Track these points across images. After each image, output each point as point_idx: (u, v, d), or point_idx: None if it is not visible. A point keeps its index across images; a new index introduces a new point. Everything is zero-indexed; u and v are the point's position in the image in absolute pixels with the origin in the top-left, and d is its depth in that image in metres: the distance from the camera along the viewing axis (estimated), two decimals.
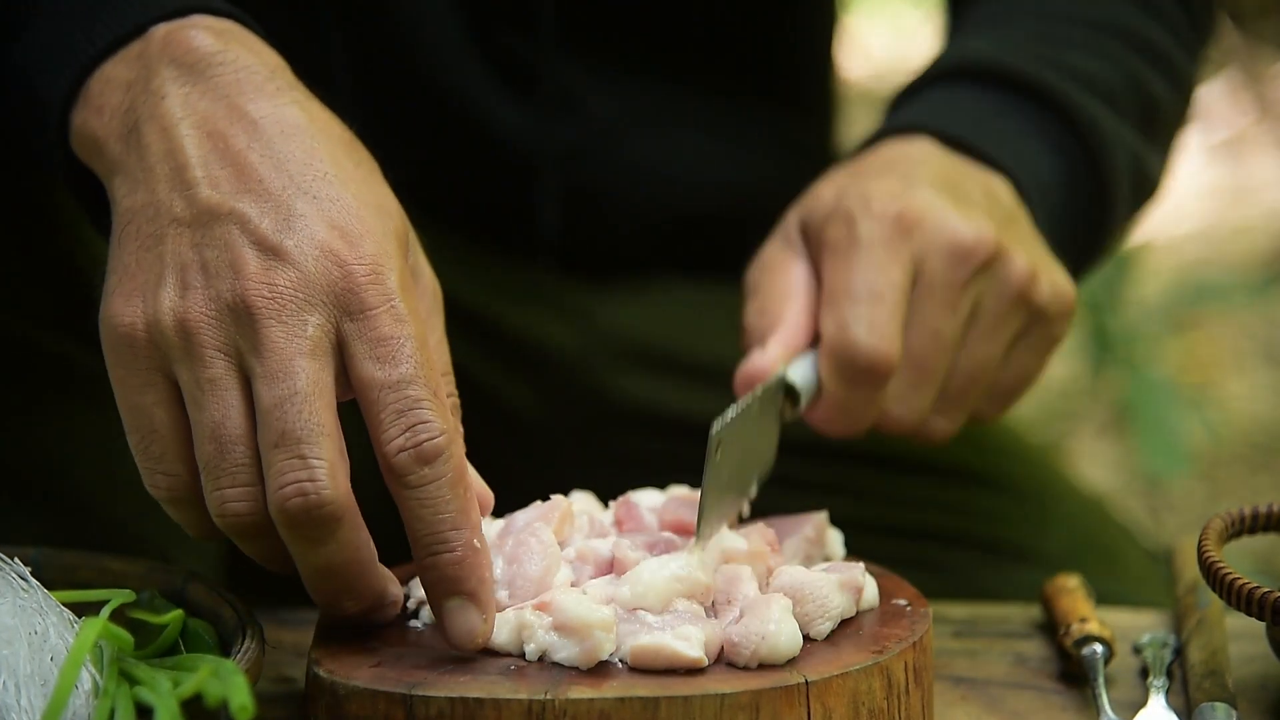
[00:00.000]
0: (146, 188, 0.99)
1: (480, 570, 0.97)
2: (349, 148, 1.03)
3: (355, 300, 0.96)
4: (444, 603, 0.97)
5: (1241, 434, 3.27)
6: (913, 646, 0.99)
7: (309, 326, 0.95)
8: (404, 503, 0.96)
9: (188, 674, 0.91)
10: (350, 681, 0.95)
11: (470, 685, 0.94)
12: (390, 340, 0.96)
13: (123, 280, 0.98)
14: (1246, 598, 1.01)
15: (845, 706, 0.95)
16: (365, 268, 0.96)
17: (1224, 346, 3.54)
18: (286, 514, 0.94)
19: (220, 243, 0.97)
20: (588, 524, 1.07)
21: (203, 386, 0.95)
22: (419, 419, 0.95)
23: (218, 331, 0.95)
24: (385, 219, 1.00)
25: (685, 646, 0.95)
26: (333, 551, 0.96)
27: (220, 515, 0.96)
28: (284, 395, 0.94)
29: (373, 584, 0.99)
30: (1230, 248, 4.05)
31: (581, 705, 0.92)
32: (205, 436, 0.95)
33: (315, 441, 0.94)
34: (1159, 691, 1.06)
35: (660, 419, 1.43)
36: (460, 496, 0.96)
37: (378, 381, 0.95)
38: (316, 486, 0.93)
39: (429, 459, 0.95)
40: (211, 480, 0.95)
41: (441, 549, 0.96)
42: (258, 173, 0.98)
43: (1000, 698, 1.09)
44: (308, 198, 0.98)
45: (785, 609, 0.97)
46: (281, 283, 0.96)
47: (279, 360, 0.94)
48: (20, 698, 0.89)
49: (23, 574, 0.96)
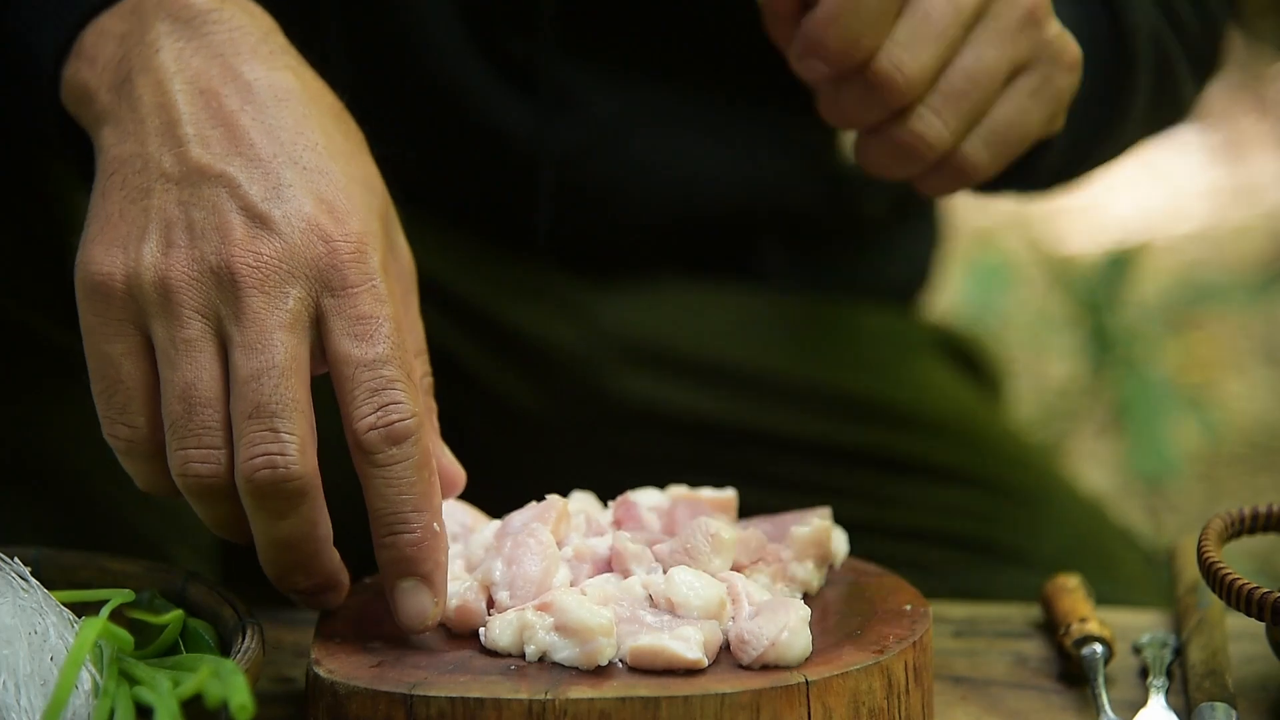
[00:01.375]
0: (136, 139, 0.99)
1: (437, 554, 0.98)
2: (338, 118, 1.03)
3: (338, 276, 0.97)
4: (398, 583, 0.98)
5: (1241, 434, 3.27)
6: (913, 646, 0.99)
7: (289, 299, 0.96)
8: (368, 480, 0.97)
9: (188, 674, 0.91)
10: (351, 682, 0.95)
11: (471, 685, 0.94)
12: (369, 319, 0.97)
13: (104, 229, 0.98)
14: (1246, 598, 1.01)
15: (845, 706, 0.95)
16: (350, 245, 0.97)
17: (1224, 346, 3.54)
18: (254, 484, 0.95)
19: (208, 204, 0.97)
20: (585, 523, 1.07)
21: (177, 345, 0.96)
22: (391, 399, 0.96)
23: (198, 293, 0.96)
24: (370, 195, 1.01)
25: (684, 648, 0.95)
26: (293, 525, 0.97)
27: (181, 475, 0.97)
28: (262, 367, 0.95)
29: (326, 564, 1.00)
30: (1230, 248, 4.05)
31: (582, 705, 0.92)
32: (175, 395, 0.96)
33: (289, 416, 0.95)
34: (1159, 691, 1.06)
35: (663, 418, 1.43)
36: (424, 480, 0.97)
37: (354, 359, 0.96)
38: (286, 460, 0.95)
39: (398, 439, 0.96)
40: (176, 439, 0.96)
41: (402, 529, 0.97)
42: (249, 137, 0.99)
43: (1000, 698, 1.09)
44: (297, 168, 0.98)
45: (802, 618, 0.97)
46: (267, 252, 0.96)
47: (259, 331, 0.95)
48: (20, 698, 0.89)
49: (23, 574, 0.96)
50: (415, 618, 0.99)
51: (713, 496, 1.12)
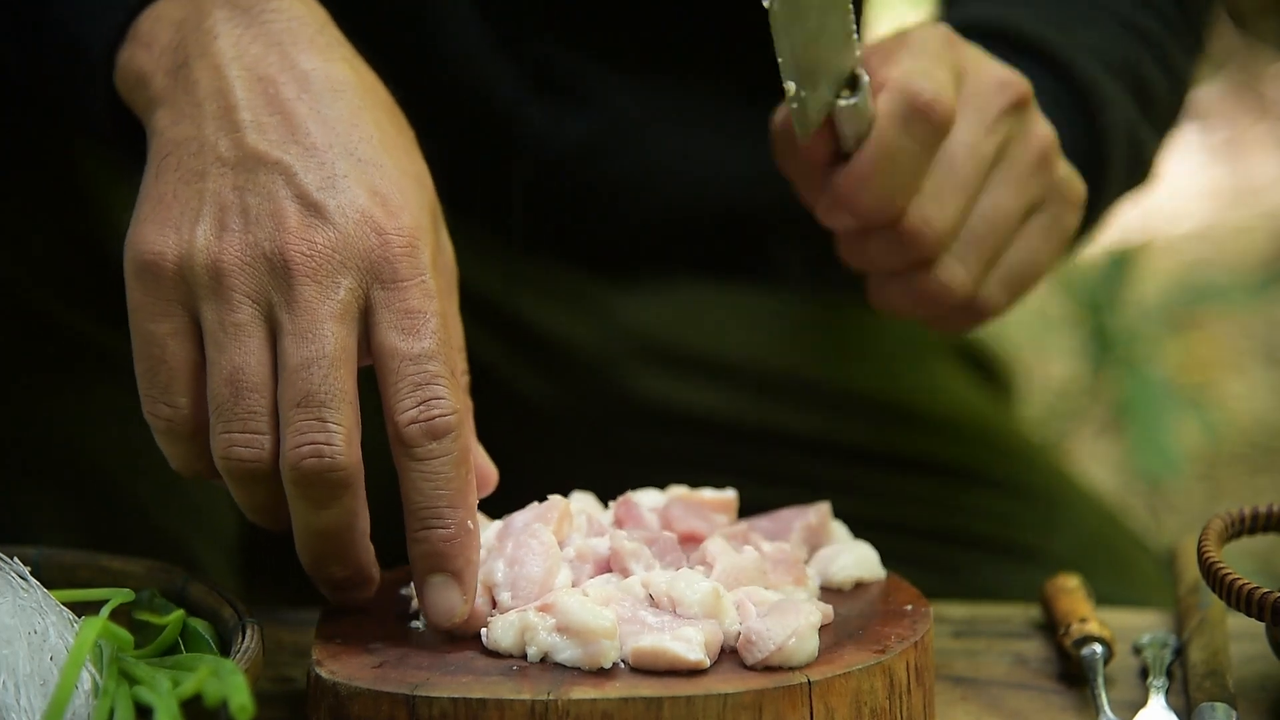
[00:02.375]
0: (192, 122, 1.00)
1: (469, 551, 0.98)
2: (391, 113, 1.04)
3: (389, 270, 0.97)
4: (428, 578, 0.99)
5: (1241, 434, 3.27)
6: (914, 646, 0.99)
7: (341, 289, 0.97)
8: (406, 474, 0.97)
9: (188, 674, 0.91)
10: (353, 682, 0.95)
11: (473, 686, 0.94)
12: (418, 314, 0.97)
13: (156, 209, 0.99)
14: (1246, 598, 1.01)
15: (848, 706, 0.95)
16: (403, 239, 0.98)
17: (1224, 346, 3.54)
18: (299, 472, 0.95)
19: (263, 191, 0.98)
20: (586, 523, 1.07)
21: (227, 329, 0.96)
22: (434, 394, 0.97)
23: (250, 278, 0.96)
24: (422, 191, 1.01)
25: (685, 649, 0.95)
26: (334, 516, 0.97)
27: (224, 458, 0.97)
28: (312, 356, 0.95)
29: (361, 555, 1.00)
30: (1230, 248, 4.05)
31: (584, 705, 0.92)
32: (222, 379, 0.96)
33: (336, 406, 0.95)
34: (1159, 691, 1.06)
35: (678, 416, 1.43)
36: (462, 476, 0.98)
37: (400, 352, 0.97)
38: (333, 451, 0.95)
39: (438, 434, 0.97)
40: (221, 422, 0.97)
41: (436, 524, 0.98)
42: (305, 126, 0.99)
43: (1000, 698, 1.09)
44: (352, 159, 0.99)
45: (812, 624, 0.97)
46: (320, 242, 0.97)
47: (310, 320, 0.96)
48: (20, 698, 0.89)
49: (23, 574, 0.96)
50: (444, 613, 0.99)
51: (713, 497, 1.12)
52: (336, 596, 1.03)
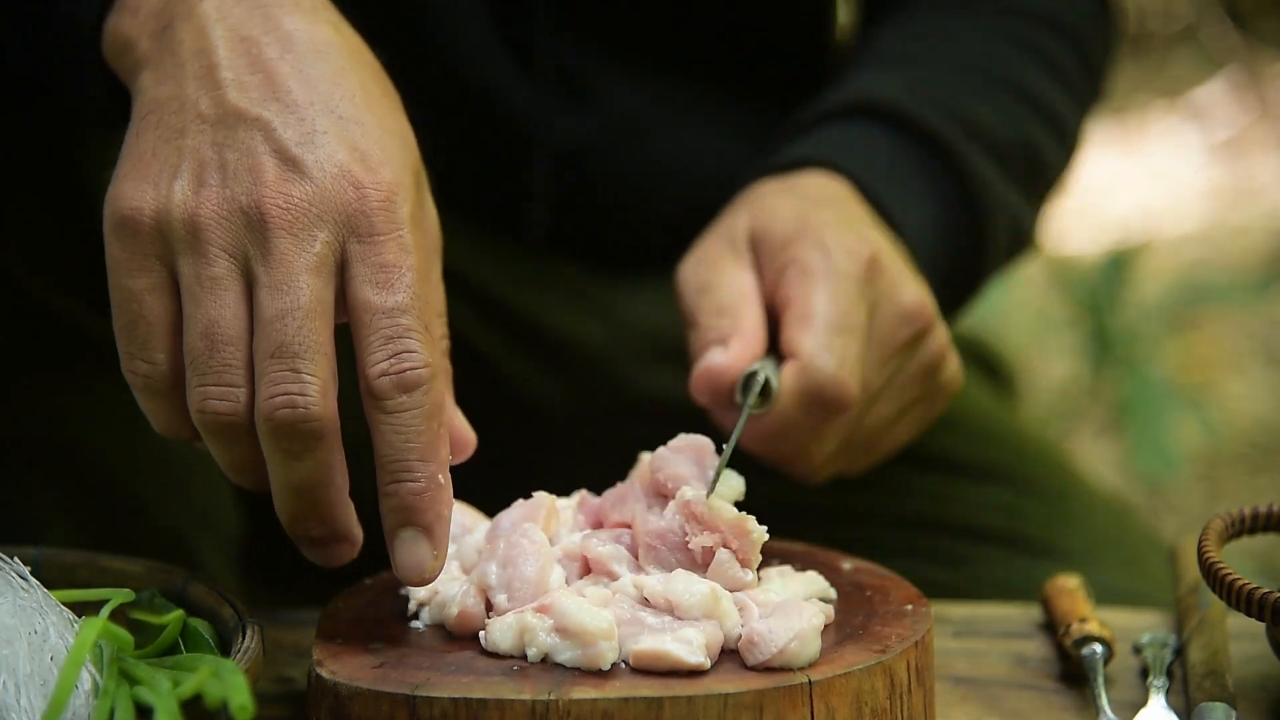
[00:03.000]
0: (175, 81, 1.00)
1: (439, 506, 0.98)
2: (376, 75, 1.04)
3: (365, 223, 0.97)
4: (398, 532, 0.98)
5: (1241, 434, 3.27)
6: (915, 646, 0.99)
7: (317, 242, 0.96)
8: (377, 427, 0.97)
9: (188, 674, 0.91)
10: (353, 682, 0.95)
11: (474, 686, 0.94)
12: (393, 268, 0.97)
13: (136, 166, 0.99)
14: (1246, 598, 1.01)
15: (848, 706, 0.95)
16: (380, 193, 0.98)
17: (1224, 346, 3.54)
18: (273, 423, 0.95)
19: (242, 146, 0.98)
20: (572, 519, 1.07)
21: (203, 283, 0.96)
22: (406, 347, 0.97)
23: (227, 232, 0.96)
24: (404, 150, 1.01)
25: (685, 652, 0.95)
26: (309, 469, 0.97)
27: (200, 411, 0.97)
28: (287, 308, 0.95)
29: (339, 513, 1.00)
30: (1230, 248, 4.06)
31: (585, 705, 0.92)
32: (198, 332, 0.96)
33: (311, 358, 0.95)
34: (1159, 691, 1.06)
35: (681, 413, 1.43)
36: (433, 430, 0.97)
37: (373, 305, 0.97)
38: (306, 401, 0.95)
39: (409, 387, 0.96)
40: (197, 376, 0.96)
41: (406, 476, 0.97)
42: (286, 84, 0.99)
43: (1000, 698, 1.09)
44: (332, 116, 0.99)
45: (815, 627, 0.97)
46: (297, 195, 0.97)
47: (285, 272, 0.96)
48: (20, 698, 0.89)
49: (23, 574, 0.96)
50: (413, 569, 0.98)
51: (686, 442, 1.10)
52: (316, 555, 1.02)
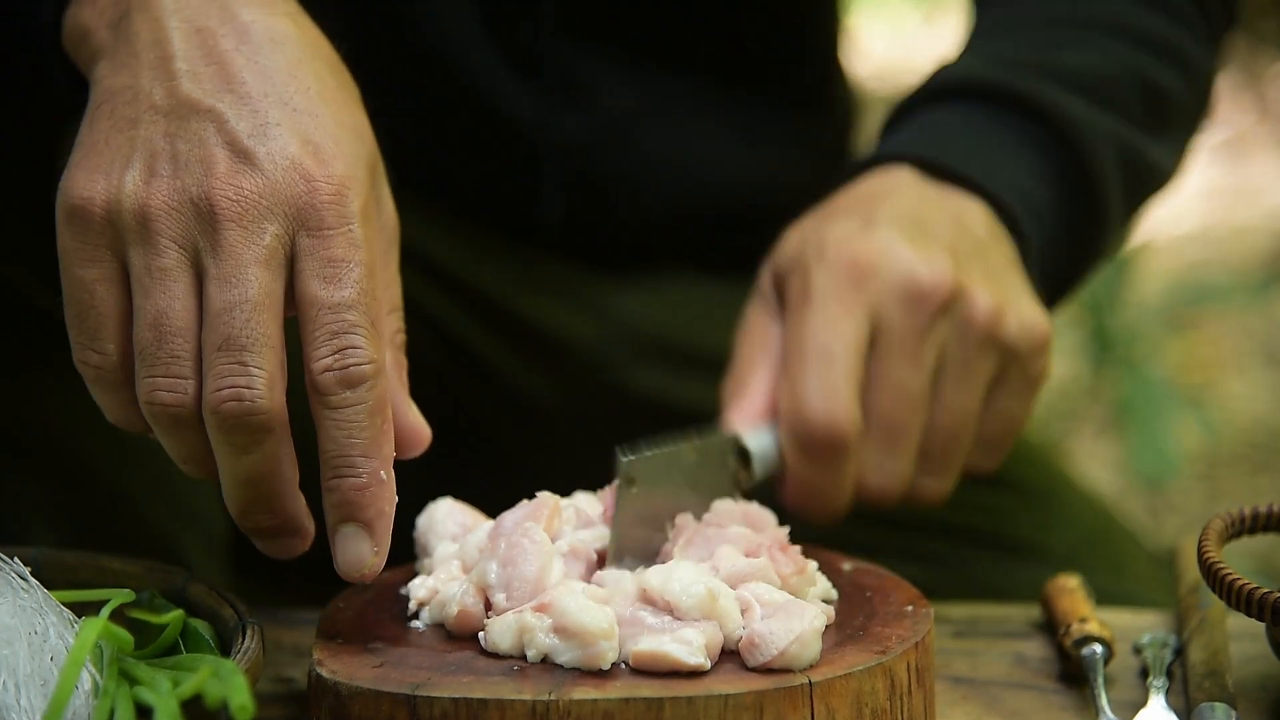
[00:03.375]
0: (129, 71, 1.00)
1: (381, 503, 0.98)
2: (334, 68, 1.03)
3: (315, 217, 0.97)
4: (339, 527, 0.98)
5: (1241, 434, 3.27)
6: (915, 647, 0.99)
7: (267, 235, 0.96)
8: (321, 422, 0.97)
9: (188, 674, 0.91)
10: (354, 682, 0.95)
11: (474, 686, 0.94)
12: (340, 263, 0.97)
13: (88, 155, 0.99)
14: (1246, 598, 1.01)
15: (848, 707, 0.95)
16: (331, 187, 0.97)
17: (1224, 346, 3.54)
18: (219, 416, 0.95)
19: (194, 137, 0.98)
20: (575, 517, 1.07)
21: (152, 274, 0.96)
22: (350, 343, 0.96)
23: (177, 223, 0.96)
24: (359, 143, 1.01)
25: (685, 653, 0.95)
26: (257, 461, 0.97)
27: (148, 402, 0.97)
28: (234, 300, 0.95)
29: (289, 504, 1.00)
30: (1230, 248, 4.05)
31: (585, 706, 0.92)
32: (146, 323, 0.96)
33: (258, 351, 0.95)
34: (1159, 691, 1.06)
35: (675, 412, 1.43)
36: (376, 426, 0.97)
37: (319, 300, 0.97)
38: (253, 394, 0.95)
39: (352, 383, 0.96)
40: (145, 367, 0.96)
41: (348, 472, 0.97)
42: (241, 76, 0.99)
43: (1000, 698, 1.09)
44: (286, 109, 0.99)
45: (816, 628, 0.97)
46: (248, 187, 0.97)
47: (234, 264, 0.95)
48: (20, 698, 0.89)
49: (23, 574, 0.95)
50: (352, 564, 0.99)
51: None
52: (267, 547, 1.02)
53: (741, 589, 1.00)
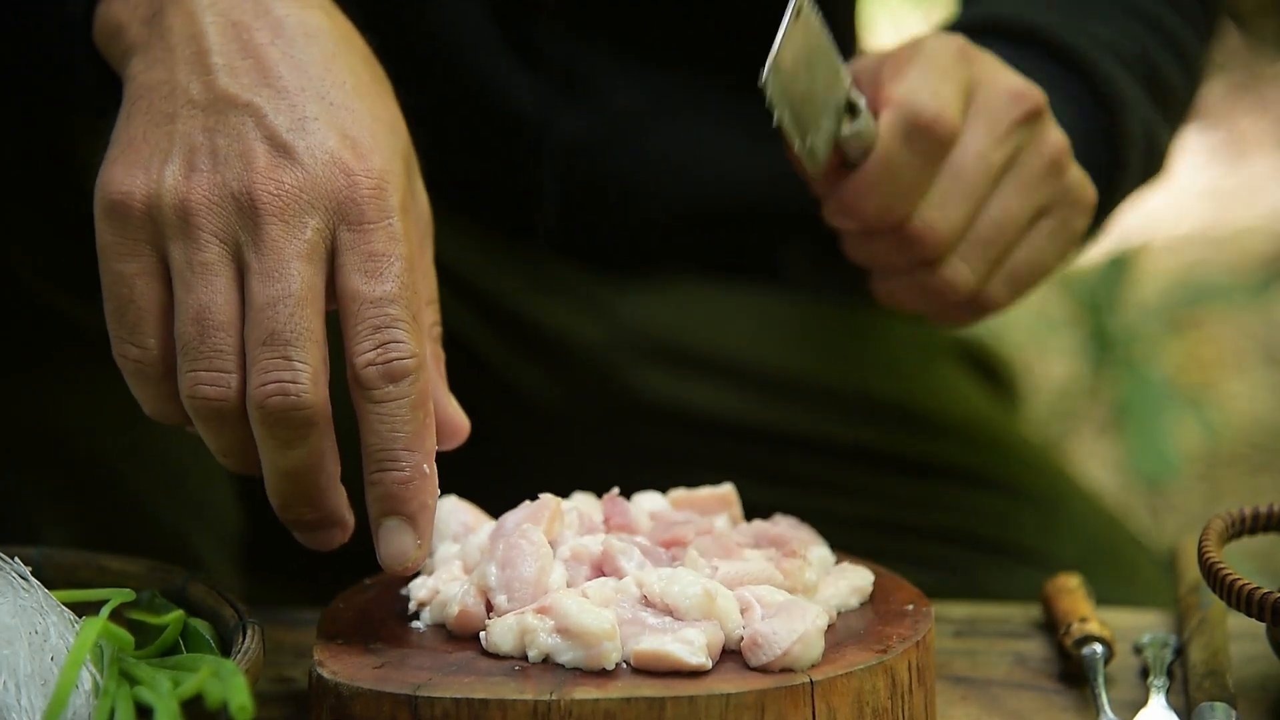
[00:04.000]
0: (165, 66, 1.00)
1: (424, 496, 0.98)
2: (367, 61, 1.04)
3: (355, 211, 0.97)
4: (383, 520, 0.99)
5: (1241, 434, 3.27)
6: (916, 646, 0.99)
7: (308, 229, 0.97)
8: (364, 416, 0.98)
9: (188, 674, 0.91)
10: (355, 683, 0.95)
11: (475, 686, 0.94)
12: (382, 257, 0.97)
13: (126, 151, 0.99)
14: (1246, 598, 1.01)
15: (850, 706, 0.95)
16: (371, 181, 0.98)
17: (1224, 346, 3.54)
18: (264, 410, 0.96)
19: (233, 132, 0.98)
20: (578, 521, 1.07)
21: (194, 268, 0.96)
22: (393, 337, 0.97)
23: (218, 218, 0.97)
24: (394, 137, 1.01)
25: (686, 652, 0.95)
26: (301, 456, 0.97)
27: (190, 396, 0.97)
28: (278, 295, 0.95)
29: (331, 498, 1.00)
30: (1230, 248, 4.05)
31: (587, 706, 0.92)
32: (189, 317, 0.96)
33: (302, 345, 0.95)
34: (1159, 691, 1.06)
35: (681, 415, 1.43)
36: (419, 420, 0.98)
37: (361, 295, 0.97)
38: (298, 389, 0.95)
39: (395, 377, 0.97)
40: (188, 361, 0.97)
41: (391, 466, 0.98)
42: (277, 70, 0.99)
43: (1000, 698, 1.09)
44: (324, 102, 0.99)
45: (819, 628, 0.97)
46: (288, 182, 0.97)
47: (276, 259, 0.96)
48: (20, 697, 0.89)
49: (23, 574, 0.96)
50: (396, 557, 0.99)
51: (710, 493, 1.12)
52: (308, 540, 1.02)
53: (742, 589, 1.00)
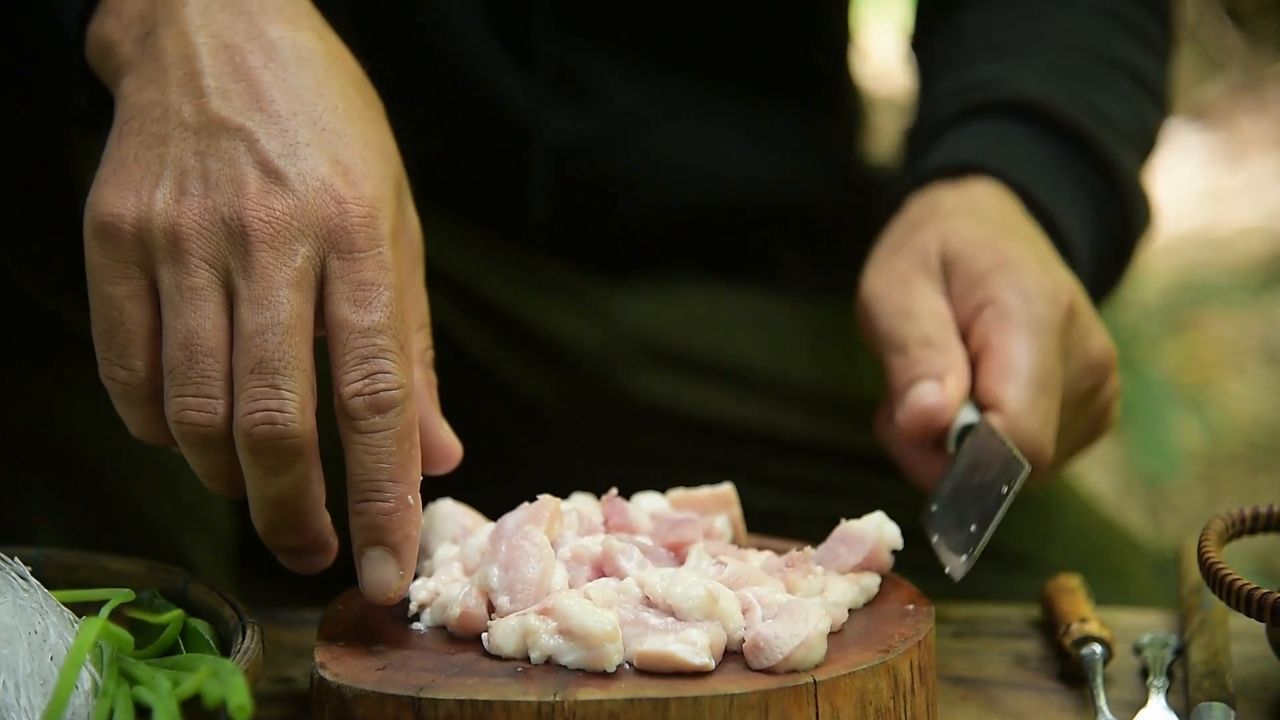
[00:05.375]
0: (157, 87, 1.00)
1: (408, 527, 0.98)
2: (359, 84, 1.04)
3: (346, 239, 0.97)
4: (366, 550, 0.99)
5: (1241, 434, 3.27)
6: (918, 645, 0.99)
7: (298, 257, 0.96)
8: (350, 446, 0.98)
9: (187, 674, 0.91)
10: (358, 685, 0.95)
11: (479, 687, 0.94)
12: (371, 286, 0.97)
13: (117, 172, 0.99)
14: (1246, 599, 1.01)
15: (853, 706, 0.95)
16: (362, 209, 0.98)
17: (1224, 346, 3.54)
18: (251, 439, 0.95)
19: (224, 156, 0.98)
20: (578, 521, 1.07)
21: (183, 293, 0.96)
22: (380, 368, 0.97)
23: (208, 243, 0.96)
24: (386, 163, 1.01)
25: (689, 653, 0.95)
26: (287, 483, 0.97)
27: (177, 421, 0.97)
28: (267, 323, 0.95)
29: (315, 523, 1.00)
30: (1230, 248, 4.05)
31: (591, 706, 0.92)
32: (177, 342, 0.96)
33: (290, 374, 0.95)
34: (1159, 691, 1.06)
35: (679, 417, 1.43)
36: (404, 451, 0.98)
37: (350, 324, 0.97)
38: (285, 418, 0.95)
39: (382, 408, 0.97)
40: (175, 386, 0.97)
41: (376, 496, 0.98)
42: (269, 94, 0.99)
43: (1000, 698, 1.09)
44: (315, 128, 0.99)
45: (821, 631, 0.97)
46: (279, 208, 0.97)
47: (266, 286, 0.96)
48: (20, 697, 0.89)
49: (23, 574, 0.96)
50: (378, 587, 0.99)
51: (710, 493, 1.11)
52: (292, 564, 1.03)
53: (743, 590, 1.00)
